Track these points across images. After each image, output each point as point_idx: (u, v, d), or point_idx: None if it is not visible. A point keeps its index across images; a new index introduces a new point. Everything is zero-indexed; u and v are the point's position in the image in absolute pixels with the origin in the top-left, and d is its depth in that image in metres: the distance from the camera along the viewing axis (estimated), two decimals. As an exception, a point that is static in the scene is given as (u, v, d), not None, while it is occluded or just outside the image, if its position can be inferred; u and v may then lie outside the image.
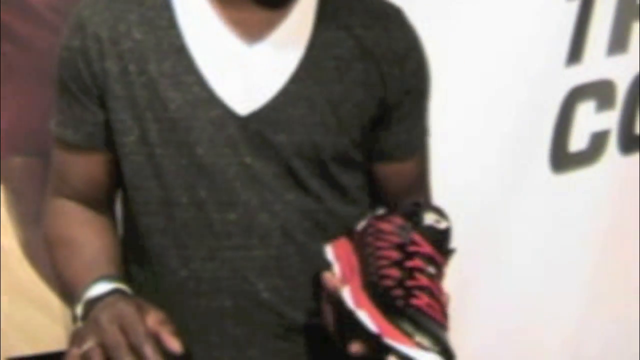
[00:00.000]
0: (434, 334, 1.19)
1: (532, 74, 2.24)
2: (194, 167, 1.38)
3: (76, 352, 1.18)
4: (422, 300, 1.22)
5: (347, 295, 1.26)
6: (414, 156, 1.54)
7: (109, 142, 1.42)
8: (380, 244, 1.29)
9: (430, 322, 1.21)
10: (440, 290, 1.28)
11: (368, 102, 1.43)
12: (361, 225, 1.38)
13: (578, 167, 2.36)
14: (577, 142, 2.35)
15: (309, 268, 1.44)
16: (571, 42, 2.26)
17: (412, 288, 1.23)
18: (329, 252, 1.35)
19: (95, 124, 1.42)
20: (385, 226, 1.31)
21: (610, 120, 2.37)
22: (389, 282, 1.24)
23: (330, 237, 1.46)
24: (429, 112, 1.55)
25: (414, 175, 1.56)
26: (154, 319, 1.21)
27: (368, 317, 1.22)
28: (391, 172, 1.52)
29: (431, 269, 1.26)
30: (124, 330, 1.17)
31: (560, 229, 2.37)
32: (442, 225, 1.31)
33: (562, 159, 2.34)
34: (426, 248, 1.27)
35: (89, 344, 1.18)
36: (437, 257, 1.29)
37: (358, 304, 1.24)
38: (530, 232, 2.35)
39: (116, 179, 1.47)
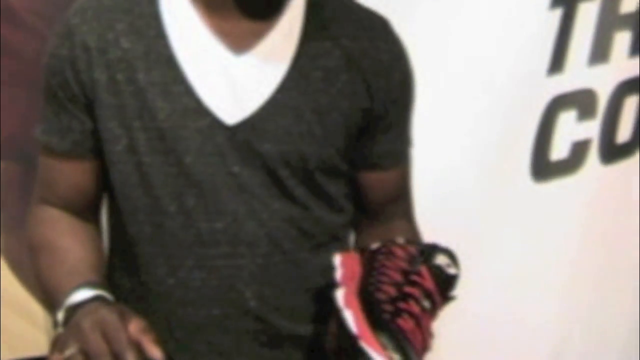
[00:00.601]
0: (408, 356, 1.21)
1: (513, 83, 2.25)
2: (182, 176, 1.39)
3: (58, 357, 1.18)
4: (407, 324, 1.24)
5: (340, 295, 1.27)
6: (398, 166, 1.55)
7: (96, 150, 1.42)
8: (387, 263, 1.31)
9: (408, 346, 1.22)
10: (428, 325, 1.30)
11: (354, 112, 1.44)
12: (375, 245, 1.39)
13: (559, 176, 2.37)
14: (558, 151, 2.36)
15: (296, 276, 1.45)
16: (553, 52, 2.27)
17: (402, 310, 1.25)
18: (337, 259, 1.36)
19: (82, 132, 1.42)
20: (398, 251, 1.34)
21: (591, 129, 2.38)
22: (382, 296, 1.26)
23: (316, 245, 1.47)
24: (412, 123, 1.56)
25: (397, 184, 1.57)
26: (135, 326, 1.21)
27: (352, 318, 1.23)
28: (375, 180, 1.53)
29: (426, 304, 1.29)
30: (106, 338, 1.17)
31: (540, 236, 2.37)
32: (452, 270, 1.36)
33: (543, 167, 2.35)
34: (429, 283, 1.30)
35: (71, 350, 1.18)
36: (436, 296, 1.31)
37: (347, 304, 1.25)
38: (510, 240, 2.35)
39: (102, 186, 1.47)
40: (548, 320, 2.43)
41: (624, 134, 2.42)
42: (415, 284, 1.29)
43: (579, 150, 2.37)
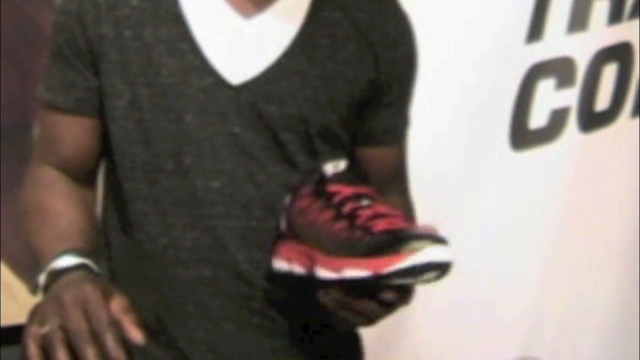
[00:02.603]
0: (413, 235, 1.17)
1: (492, 52, 2.26)
2: (182, 133, 1.39)
3: (36, 331, 1.17)
4: (380, 224, 1.20)
5: (322, 272, 1.24)
6: (398, 142, 1.56)
7: (99, 109, 1.43)
8: (310, 218, 1.28)
9: (402, 231, 1.18)
10: (387, 207, 1.25)
11: (359, 82, 1.44)
12: (283, 223, 1.37)
13: (538, 144, 2.38)
14: (537, 119, 2.36)
15: None
16: (531, 20, 2.27)
17: (364, 223, 1.21)
18: (279, 263, 1.34)
19: (87, 90, 1.42)
20: (302, 203, 1.30)
21: (570, 97, 2.38)
22: (343, 234, 1.22)
23: None
24: (411, 101, 1.57)
25: (395, 162, 1.58)
26: (117, 305, 1.19)
27: (354, 269, 1.19)
28: (375, 156, 1.53)
29: (365, 201, 1.24)
30: (87, 316, 1.15)
31: (520, 205, 2.38)
32: (342, 165, 1.31)
33: (522, 136, 2.36)
34: (347, 190, 1.26)
35: (51, 326, 1.15)
36: (362, 190, 1.27)
37: (337, 268, 1.21)
38: (489, 208, 2.36)
39: (102, 148, 1.46)
40: (527, 290, 2.44)
41: (602, 101, 2.42)
42: (343, 201, 1.25)
43: (558, 118, 2.38)
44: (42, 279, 1.27)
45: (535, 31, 2.28)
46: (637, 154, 2.46)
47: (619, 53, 2.41)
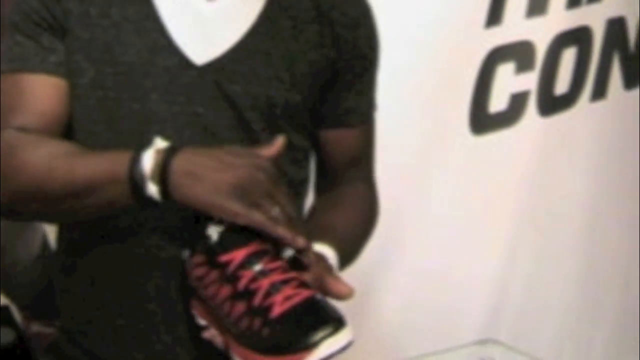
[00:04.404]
0: (310, 324, 1.17)
1: (451, 36, 2.26)
2: (146, 113, 1.39)
3: (260, 218, 1.21)
4: (277, 303, 1.19)
5: (237, 359, 1.24)
6: (360, 125, 1.55)
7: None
8: (210, 291, 1.24)
9: (300, 316, 1.18)
10: (282, 270, 1.23)
11: (320, 62, 1.45)
12: (189, 279, 1.32)
13: (498, 128, 2.39)
14: (497, 103, 2.37)
15: None
16: (490, 4, 2.28)
17: (261, 304, 1.19)
18: (201, 321, 1.31)
19: (63, 54, 1.40)
20: (198, 272, 1.25)
21: (529, 81, 2.39)
22: (244, 321, 1.20)
23: None
24: (376, 84, 1.57)
25: (359, 144, 1.57)
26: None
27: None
28: (338, 138, 1.53)
29: (258, 266, 1.21)
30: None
31: (480, 189, 2.38)
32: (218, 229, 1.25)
33: (481, 120, 2.36)
34: (238, 254, 1.22)
35: (275, 209, 1.22)
36: (252, 247, 1.23)
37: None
38: (449, 193, 2.36)
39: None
40: (487, 276, 2.45)
41: (562, 85, 2.43)
42: (236, 272, 1.21)
43: (518, 102, 2.39)
44: (149, 157, 1.25)
45: (494, 15, 2.29)
46: (596, 138, 2.48)
47: (578, 37, 2.42)
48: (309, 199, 1.58)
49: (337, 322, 1.18)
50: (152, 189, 1.25)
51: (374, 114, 1.58)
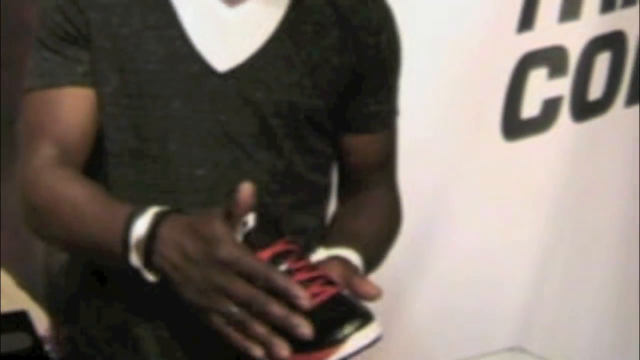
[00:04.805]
0: (338, 319, 1.16)
1: (483, 41, 2.24)
2: (168, 120, 1.40)
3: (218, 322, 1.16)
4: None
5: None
6: (382, 131, 1.55)
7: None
8: None
9: (326, 312, 1.16)
10: (308, 268, 1.21)
11: (343, 68, 1.45)
12: None
13: (530, 134, 2.36)
14: (530, 109, 2.35)
15: (272, 232, 1.42)
16: (523, 9, 2.26)
17: (287, 303, 1.15)
18: None
19: (88, 64, 1.41)
20: None
21: (562, 86, 2.36)
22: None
23: (295, 204, 1.45)
24: (398, 89, 1.56)
25: (381, 150, 1.57)
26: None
27: None
28: (359, 144, 1.53)
29: (282, 266, 1.19)
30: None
31: (511, 196, 2.36)
32: (250, 220, 1.22)
33: (514, 126, 2.34)
34: (263, 255, 1.20)
35: (231, 307, 1.14)
36: (278, 247, 1.22)
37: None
38: (481, 199, 2.34)
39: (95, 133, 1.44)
40: (519, 283, 2.42)
41: (595, 91, 2.40)
42: None
43: (551, 107, 2.36)
44: (143, 223, 1.23)
45: (526, 20, 2.27)
46: (630, 143, 2.45)
47: (612, 42, 2.39)
48: (332, 205, 1.58)
49: (364, 317, 1.16)
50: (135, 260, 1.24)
51: (396, 120, 1.57)
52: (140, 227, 1.22)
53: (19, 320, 1.15)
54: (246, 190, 1.16)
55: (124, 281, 1.34)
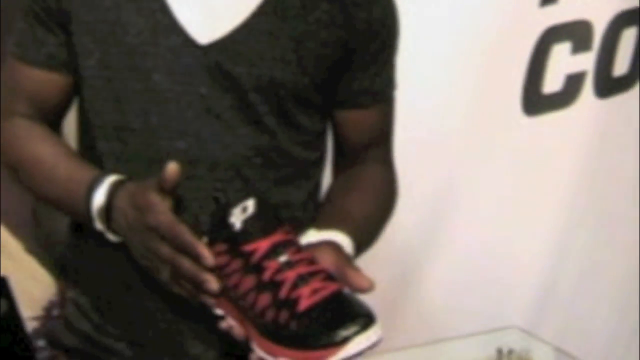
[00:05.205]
0: (339, 319, 1.14)
1: (505, 14, 2.20)
2: (149, 93, 1.40)
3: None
4: (304, 296, 1.16)
5: (260, 351, 1.21)
6: (377, 105, 1.53)
7: (69, 66, 1.44)
8: (232, 281, 1.22)
9: (328, 310, 1.16)
10: (308, 262, 1.21)
11: (331, 43, 1.42)
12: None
13: (552, 109, 2.33)
14: (552, 83, 2.31)
15: None
16: (547, -18, 2.22)
17: (288, 296, 1.17)
18: (218, 311, 1.28)
19: (57, 46, 1.44)
20: (219, 260, 1.22)
21: (586, 62, 2.33)
22: (269, 313, 1.18)
23: (280, 178, 1.45)
24: (395, 64, 1.54)
25: (375, 125, 1.55)
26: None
27: None
28: (352, 119, 1.51)
29: (282, 257, 1.19)
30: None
31: (533, 172, 2.34)
32: (250, 206, 1.22)
33: (535, 100, 2.31)
34: (263, 244, 1.20)
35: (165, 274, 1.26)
36: (277, 237, 1.21)
37: (272, 353, 1.19)
38: (500, 174, 2.32)
39: (68, 103, 1.49)
40: (539, 257, 2.40)
41: (621, 66, 2.37)
42: (260, 262, 1.19)
43: (574, 83, 2.33)
44: (102, 192, 1.34)
45: (550, -7, 2.23)
46: (655, 121, 2.41)
47: (639, 17, 2.34)
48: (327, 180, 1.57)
49: (366, 318, 1.15)
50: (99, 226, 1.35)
51: (393, 94, 1.54)
52: (99, 197, 1.34)
53: (-1, 285, 1.17)
54: (171, 168, 1.25)
55: (116, 249, 1.37)
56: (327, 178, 1.57)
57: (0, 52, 1.50)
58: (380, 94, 1.52)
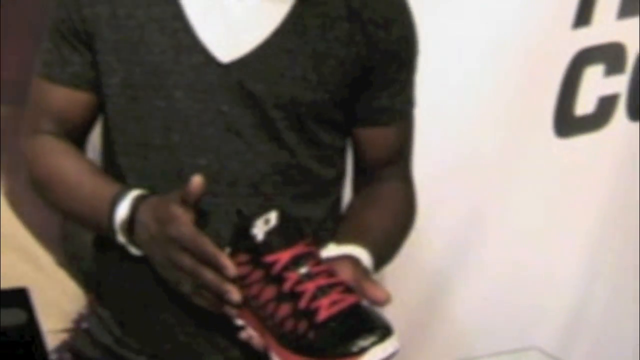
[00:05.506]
0: (358, 330, 1.16)
1: (537, 36, 2.21)
2: (171, 110, 1.42)
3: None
4: (323, 307, 1.18)
5: (275, 358, 1.23)
6: (395, 124, 1.54)
7: (94, 84, 1.47)
8: (253, 291, 1.24)
9: (346, 321, 1.17)
10: (327, 274, 1.23)
11: (351, 62, 1.44)
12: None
13: (584, 131, 2.33)
14: (584, 106, 2.31)
15: None
16: (579, 4, 2.22)
17: (308, 307, 1.19)
18: (238, 320, 1.30)
19: (82, 65, 1.47)
20: (241, 270, 1.25)
21: (619, 84, 2.33)
22: (288, 323, 1.20)
23: (299, 195, 1.46)
24: (414, 82, 1.55)
25: (394, 143, 1.56)
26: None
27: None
28: (372, 137, 1.53)
29: (302, 269, 1.21)
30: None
31: (564, 194, 2.33)
32: (273, 218, 1.25)
33: (567, 122, 2.31)
34: (284, 256, 1.23)
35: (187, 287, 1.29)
36: (299, 249, 1.23)
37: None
38: (533, 196, 2.32)
39: (94, 120, 1.52)
40: (571, 279, 2.39)
41: (654, 90, 2.35)
42: (281, 273, 1.21)
43: (606, 105, 2.32)
44: (125, 206, 1.37)
45: (583, 16, 2.23)
46: (688, 145, 2.39)
47: (673, 40, 2.33)
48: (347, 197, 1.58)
49: (384, 330, 1.17)
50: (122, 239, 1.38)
51: (412, 111, 1.55)
52: (122, 211, 1.37)
53: (18, 297, 1.19)
54: (195, 181, 1.28)
55: (138, 263, 1.39)
56: (347, 195, 1.58)
57: (0, 53, 1.52)
58: (399, 112, 1.53)
